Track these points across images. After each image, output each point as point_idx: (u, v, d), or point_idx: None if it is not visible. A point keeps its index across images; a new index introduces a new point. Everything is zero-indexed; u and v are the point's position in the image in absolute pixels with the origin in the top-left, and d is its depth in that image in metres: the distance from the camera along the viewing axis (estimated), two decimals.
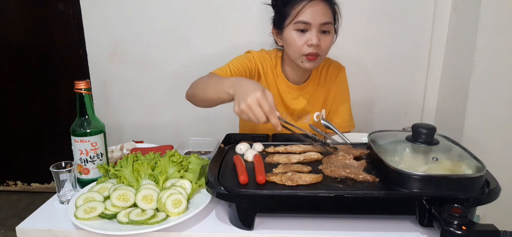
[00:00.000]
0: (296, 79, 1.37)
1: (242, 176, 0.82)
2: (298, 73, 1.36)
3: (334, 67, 1.44)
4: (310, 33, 1.20)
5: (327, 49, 1.25)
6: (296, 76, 1.37)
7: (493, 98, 1.68)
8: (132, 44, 2.16)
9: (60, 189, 0.93)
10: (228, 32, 2.08)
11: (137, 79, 2.22)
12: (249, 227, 0.80)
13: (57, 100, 2.56)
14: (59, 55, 2.44)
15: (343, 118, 1.46)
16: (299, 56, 1.24)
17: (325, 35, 1.22)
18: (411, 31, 2.00)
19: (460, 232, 0.68)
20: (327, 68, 1.42)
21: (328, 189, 0.79)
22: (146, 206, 0.84)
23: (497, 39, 1.61)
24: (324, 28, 1.21)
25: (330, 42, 1.25)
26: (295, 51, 1.23)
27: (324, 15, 1.19)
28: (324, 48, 1.23)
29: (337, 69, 1.44)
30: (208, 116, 2.14)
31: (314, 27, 1.19)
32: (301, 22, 1.19)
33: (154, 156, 1.00)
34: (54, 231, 0.83)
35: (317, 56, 1.22)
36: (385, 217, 0.83)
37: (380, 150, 0.87)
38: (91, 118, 0.98)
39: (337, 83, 1.44)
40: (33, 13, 2.39)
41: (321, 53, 1.23)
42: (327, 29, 1.22)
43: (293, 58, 1.27)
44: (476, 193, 0.75)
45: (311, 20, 1.18)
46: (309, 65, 1.24)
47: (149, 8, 2.09)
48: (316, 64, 1.26)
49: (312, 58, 1.22)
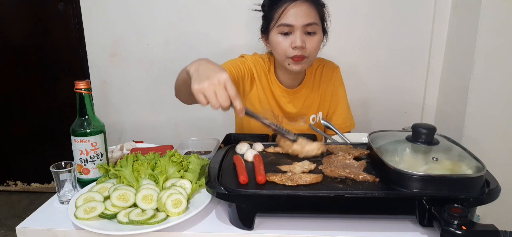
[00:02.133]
0: (289, 82, 1.36)
1: (242, 176, 0.82)
2: (290, 77, 1.34)
3: (329, 68, 1.42)
4: (294, 35, 1.17)
5: (314, 50, 1.22)
6: (289, 79, 1.35)
7: (493, 98, 1.68)
8: (132, 44, 2.16)
9: (60, 189, 0.93)
10: (228, 32, 2.08)
11: (137, 79, 2.22)
12: (249, 227, 0.80)
13: (57, 100, 2.56)
14: (59, 55, 2.44)
15: (342, 117, 1.45)
16: (284, 59, 1.22)
17: (311, 36, 1.19)
18: (411, 31, 2.00)
19: (460, 232, 0.68)
20: (321, 70, 1.41)
21: (328, 189, 0.79)
22: (146, 206, 0.84)
23: (497, 39, 1.61)
24: (308, 29, 1.18)
25: (317, 43, 1.22)
26: (281, 54, 1.22)
27: (307, 16, 1.17)
28: (311, 49, 1.20)
29: (331, 70, 1.42)
30: (208, 116, 2.15)
31: (298, 29, 1.16)
32: (284, 25, 1.17)
33: (154, 156, 1.00)
34: (54, 231, 0.83)
35: (303, 58, 1.20)
36: (385, 217, 0.83)
37: (380, 150, 0.87)
38: (91, 118, 0.98)
39: (332, 83, 1.42)
40: (33, 13, 2.39)
41: (307, 55, 1.20)
42: (312, 30, 1.19)
43: (280, 61, 1.25)
44: (476, 193, 0.75)
45: (294, 22, 1.16)
46: (296, 68, 1.22)
47: (149, 8, 2.09)
48: (303, 66, 1.23)
49: (298, 59, 1.20)
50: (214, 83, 0.84)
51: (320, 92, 1.41)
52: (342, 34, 1.32)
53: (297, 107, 1.39)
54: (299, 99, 1.38)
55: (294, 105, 1.38)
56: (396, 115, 2.15)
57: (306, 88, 1.39)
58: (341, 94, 1.46)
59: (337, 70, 1.44)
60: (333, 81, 1.43)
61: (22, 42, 2.46)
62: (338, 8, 1.30)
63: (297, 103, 1.38)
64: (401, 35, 2.01)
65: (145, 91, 2.24)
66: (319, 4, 1.23)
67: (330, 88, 1.42)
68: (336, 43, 1.31)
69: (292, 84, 1.37)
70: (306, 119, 1.42)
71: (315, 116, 1.43)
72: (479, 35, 1.62)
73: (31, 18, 2.41)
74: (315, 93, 1.40)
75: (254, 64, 1.34)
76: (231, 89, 0.84)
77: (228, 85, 0.84)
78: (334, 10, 1.29)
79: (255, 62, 1.35)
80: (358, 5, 1.98)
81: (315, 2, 1.20)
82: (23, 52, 2.49)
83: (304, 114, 1.41)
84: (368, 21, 2.01)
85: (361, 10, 1.99)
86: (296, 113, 1.39)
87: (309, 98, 1.40)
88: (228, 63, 1.31)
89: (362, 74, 2.09)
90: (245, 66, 1.32)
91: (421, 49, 2.02)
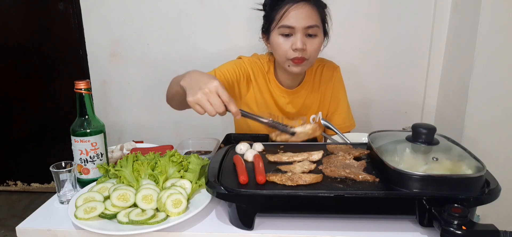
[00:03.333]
0: (289, 83, 1.36)
1: (242, 176, 0.82)
2: (290, 77, 1.34)
3: (329, 68, 1.42)
4: (295, 37, 1.17)
5: (314, 52, 1.22)
6: (289, 80, 1.35)
7: (493, 98, 1.68)
8: (132, 44, 2.16)
9: (60, 189, 0.93)
10: (228, 32, 2.08)
11: (137, 79, 2.22)
12: (249, 227, 0.80)
13: (57, 100, 2.57)
14: (59, 55, 2.44)
15: (342, 117, 1.45)
16: (285, 60, 1.22)
17: (311, 38, 1.19)
18: (411, 31, 2.00)
19: (460, 232, 0.68)
20: (321, 70, 1.41)
21: (328, 189, 0.79)
22: (146, 206, 0.84)
23: (497, 39, 1.61)
24: (309, 32, 1.18)
25: (318, 45, 1.22)
26: (281, 55, 1.22)
27: (308, 19, 1.17)
28: (311, 51, 1.20)
29: (331, 70, 1.42)
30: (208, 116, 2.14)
31: (299, 31, 1.17)
32: (285, 27, 1.17)
33: (154, 156, 1.00)
34: (54, 231, 0.83)
35: (304, 60, 1.20)
36: (385, 217, 0.83)
37: (380, 150, 0.87)
38: (91, 118, 0.98)
39: (332, 83, 1.42)
40: (33, 13, 2.39)
41: (307, 57, 1.20)
42: (313, 33, 1.19)
43: (280, 62, 1.26)
44: (476, 193, 0.75)
45: (295, 24, 1.16)
46: (296, 69, 1.22)
47: (149, 8, 2.09)
48: (303, 67, 1.23)
49: (298, 61, 1.20)
50: (206, 92, 0.89)
51: (320, 92, 1.41)
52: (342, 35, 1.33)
53: (296, 108, 1.38)
54: (299, 99, 1.38)
55: (294, 105, 1.38)
56: (396, 115, 2.15)
57: (306, 88, 1.39)
58: (341, 94, 1.46)
59: (337, 70, 1.44)
60: (333, 81, 1.42)
61: (22, 42, 2.46)
62: (338, 8, 1.30)
63: (297, 104, 1.38)
64: (401, 35, 2.01)
65: (145, 91, 2.24)
66: (321, 6, 1.23)
67: (330, 88, 1.42)
68: (336, 43, 1.32)
69: (292, 85, 1.37)
70: (306, 119, 1.42)
71: (315, 116, 1.42)
72: (479, 35, 1.62)
73: (31, 18, 2.41)
74: (315, 94, 1.40)
75: (251, 65, 1.34)
76: (224, 94, 0.89)
77: (220, 91, 0.89)
78: (334, 10, 1.29)
79: (252, 64, 1.35)
80: (358, 6, 1.98)
81: (316, 4, 1.20)
82: (23, 52, 2.49)
83: (304, 115, 1.41)
84: (368, 21, 2.01)
85: (361, 10, 1.99)
86: (296, 114, 1.39)
87: (309, 99, 1.40)
88: (223, 67, 1.31)
89: (362, 74, 2.09)
90: (241, 69, 1.32)
91: (421, 49, 2.02)
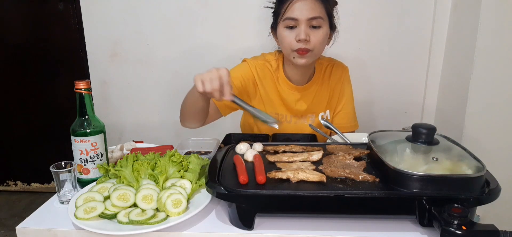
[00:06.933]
0: (298, 79, 1.36)
1: (242, 176, 0.82)
2: (299, 72, 1.34)
3: (338, 68, 1.43)
4: (299, 28, 1.19)
5: (319, 44, 1.22)
6: (298, 75, 1.35)
7: (493, 98, 1.68)
8: (132, 44, 2.16)
9: (60, 189, 0.93)
10: (228, 32, 2.08)
11: (137, 79, 2.22)
12: (249, 227, 0.80)
13: (57, 100, 2.56)
14: (59, 55, 2.44)
15: (347, 118, 1.45)
16: (290, 52, 1.24)
17: (316, 30, 1.21)
18: (411, 31, 2.00)
19: (460, 232, 0.68)
20: (330, 68, 1.42)
21: (328, 189, 0.79)
22: (146, 206, 0.84)
23: (497, 39, 1.61)
24: (313, 23, 1.20)
25: (322, 37, 1.22)
26: (286, 47, 1.24)
27: (312, 10, 1.18)
28: (315, 43, 1.21)
29: (340, 70, 1.44)
30: None
31: (302, 22, 1.18)
32: (289, 19, 1.20)
33: (154, 156, 1.00)
34: (54, 231, 0.83)
35: (308, 51, 1.21)
36: (385, 217, 0.83)
37: (380, 150, 0.87)
38: (91, 118, 0.98)
39: (341, 83, 1.43)
40: (33, 13, 2.39)
41: (312, 48, 1.21)
42: (317, 24, 1.20)
43: (286, 55, 1.27)
44: (476, 193, 0.75)
45: (299, 15, 1.18)
46: (301, 61, 1.23)
47: (149, 8, 2.09)
48: (308, 59, 1.24)
49: (302, 53, 1.21)
50: (212, 72, 0.99)
51: (329, 90, 1.42)
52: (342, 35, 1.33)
53: (307, 103, 1.38)
54: (309, 95, 1.38)
55: (305, 101, 1.38)
56: (396, 115, 2.15)
57: (316, 83, 1.39)
58: (348, 94, 1.46)
59: (346, 70, 1.46)
60: (342, 81, 1.44)
61: (22, 42, 2.46)
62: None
63: (307, 99, 1.38)
64: (401, 35, 2.01)
65: (145, 91, 2.24)
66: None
67: (339, 87, 1.43)
68: (336, 43, 1.32)
69: (302, 81, 1.37)
70: (315, 117, 1.41)
71: (324, 113, 1.43)
72: (479, 35, 1.62)
73: (31, 18, 2.41)
74: (325, 90, 1.41)
75: (256, 67, 1.35)
76: (225, 77, 0.98)
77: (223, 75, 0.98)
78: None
79: (258, 66, 1.36)
80: (358, 6, 1.98)
81: None
82: (23, 52, 2.48)
83: (314, 112, 1.41)
84: (368, 21, 2.01)
85: (361, 11, 1.99)
86: (306, 110, 1.39)
87: (319, 94, 1.40)
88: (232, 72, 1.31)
89: (362, 74, 2.08)
90: (246, 72, 1.34)
91: (421, 49, 2.02)
